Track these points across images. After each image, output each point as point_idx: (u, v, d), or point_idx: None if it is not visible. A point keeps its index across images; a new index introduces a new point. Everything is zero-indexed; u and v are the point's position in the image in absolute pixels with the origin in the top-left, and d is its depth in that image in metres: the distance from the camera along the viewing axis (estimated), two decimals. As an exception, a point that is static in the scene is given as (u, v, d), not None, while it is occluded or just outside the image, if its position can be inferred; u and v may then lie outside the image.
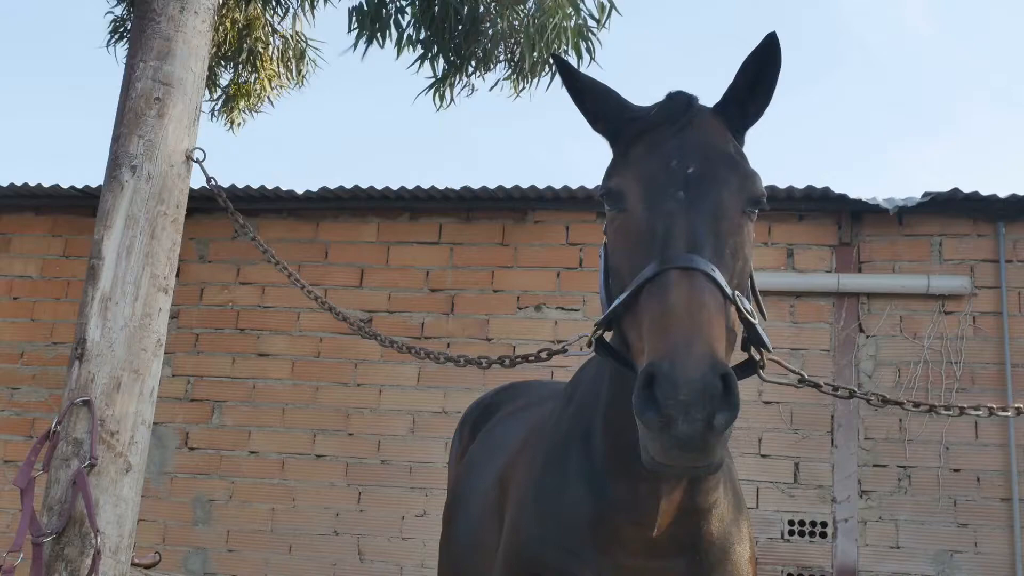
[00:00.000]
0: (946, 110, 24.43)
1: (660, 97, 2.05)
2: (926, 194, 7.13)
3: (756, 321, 1.86)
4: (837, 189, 7.14)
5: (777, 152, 23.79)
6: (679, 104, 2.01)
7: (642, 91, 2.10)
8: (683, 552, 2.16)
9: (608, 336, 2.01)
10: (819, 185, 7.16)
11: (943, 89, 23.93)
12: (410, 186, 7.66)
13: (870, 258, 7.34)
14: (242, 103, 6.86)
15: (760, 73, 2.02)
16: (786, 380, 2.22)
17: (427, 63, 6.28)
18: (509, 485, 2.66)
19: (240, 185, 7.85)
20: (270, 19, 6.38)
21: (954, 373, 6.99)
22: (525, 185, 7.47)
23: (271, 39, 6.48)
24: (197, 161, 3.64)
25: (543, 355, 2.75)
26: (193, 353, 7.97)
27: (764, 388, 7.17)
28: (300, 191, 7.85)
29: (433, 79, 6.32)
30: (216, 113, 6.98)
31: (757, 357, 1.98)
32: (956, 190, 7.03)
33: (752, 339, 1.91)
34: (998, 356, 7.00)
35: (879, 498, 6.92)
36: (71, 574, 3.16)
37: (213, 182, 3.66)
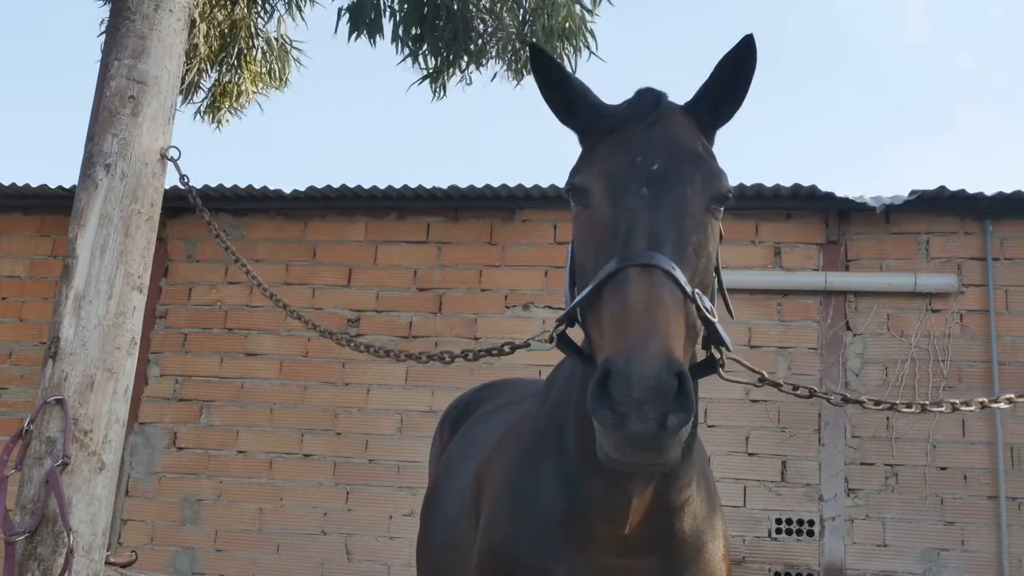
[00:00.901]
0: (944, 111, 24.45)
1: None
2: (913, 192, 7.14)
3: (716, 320, 1.85)
4: (838, 191, 7.17)
5: (775, 152, 23.82)
6: (648, 101, 2.01)
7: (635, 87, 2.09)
8: (656, 549, 2.15)
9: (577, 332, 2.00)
10: (806, 184, 7.16)
11: (941, 90, 23.95)
12: (398, 185, 7.66)
13: (857, 256, 7.34)
14: (227, 103, 6.85)
15: (736, 74, 2.02)
16: (746, 380, 2.20)
17: (419, 59, 6.26)
18: (485, 483, 2.66)
19: (228, 185, 7.85)
20: (254, 21, 6.37)
21: (941, 371, 6.99)
22: (512, 184, 7.47)
23: (255, 41, 6.46)
24: (171, 160, 3.63)
25: (506, 349, 2.75)
26: (181, 353, 7.97)
27: (752, 387, 7.16)
28: (288, 191, 7.85)
29: (426, 72, 6.30)
30: (202, 114, 6.97)
31: (717, 356, 1.96)
32: (943, 188, 7.04)
33: (712, 338, 1.89)
34: (985, 354, 7.00)
35: (866, 496, 6.92)
36: (44, 573, 3.15)
37: (185, 180, 3.65)
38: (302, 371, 7.76)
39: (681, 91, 2.02)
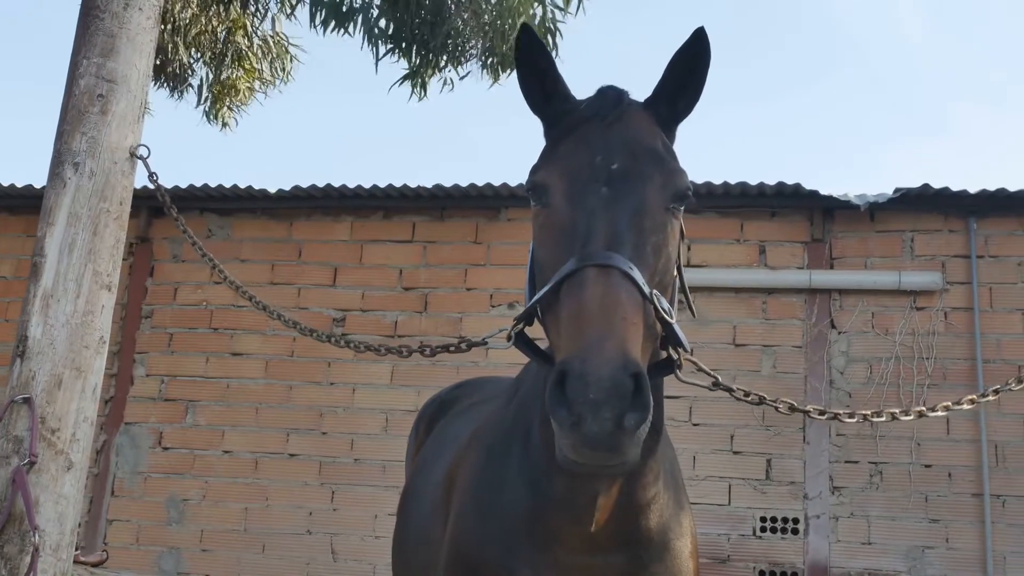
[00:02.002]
0: (939, 110, 24.45)
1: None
2: (897, 190, 7.14)
3: (674, 321, 1.84)
4: (823, 189, 7.17)
5: (773, 153, 23.82)
6: (609, 99, 1.99)
7: (638, 92, 2.09)
8: (623, 547, 2.14)
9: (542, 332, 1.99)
10: (791, 182, 7.16)
11: (937, 89, 23.95)
12: (383, 184, 7.65)
13: (842, 255, 7.34)
14: (227, 100, 6.88)
15: (690, 68, 2.01)
16: (701, 383, 2.20)
17: (399, 57, 6.26)
18: (455, 481, 2.66)
19: (213, 184, 7.84)
20: (249, 22, 6.39)
21: (925, 369, 6.99)
22: (497, 183, 7.47)
23: (252, 39, 6.49)
24: (141, 158, 3.63)
25: (463, 346, 2.74)
26: (167, 353, 7.96)
27: (736, 385, 7.14)
28: (273, 190, 7.84)
29: (407, 71, 6.30)
30: (206, 113, 7.01)
31: (675, 357, 1.94)
32: (926, 186, 7.04)
33: (670, 338, 1.87)
34: (969, 352, 7.00)
35: (851, 494, 6.92)
36: (10, 572, 3.15)
37: (154, 177, 3.64)
38: (288, 371, 7.76)
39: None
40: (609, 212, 1.80)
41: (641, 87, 2.05)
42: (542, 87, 2.08)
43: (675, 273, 1.98)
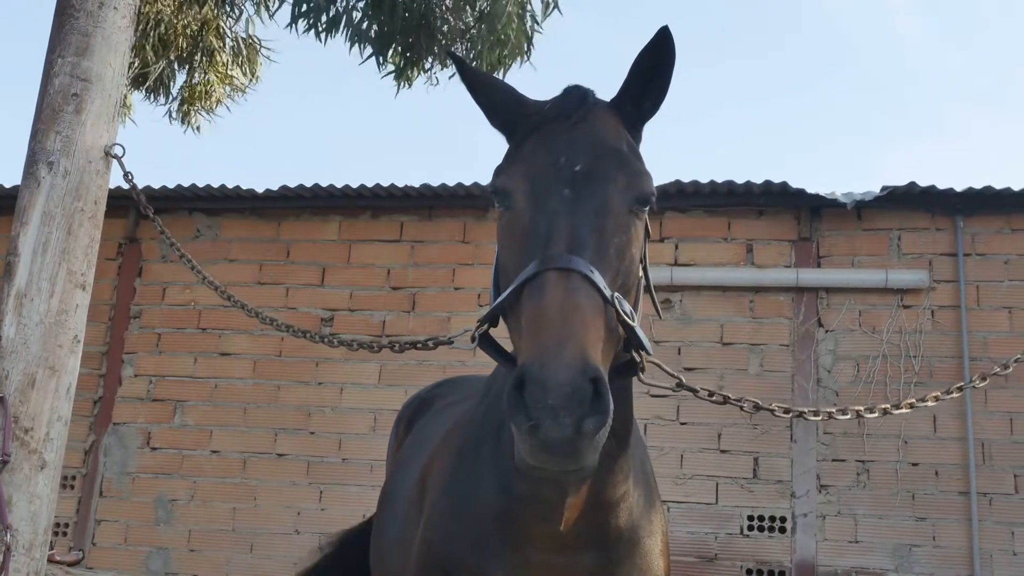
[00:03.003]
0: (934, 111, 24.46)
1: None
2: (884, 188, 7.15)
3: (636, 323, 1.83)
4: (810, 187, 7.17)
5: (769, 153, 23.83)
6: (574, 99, 1.99)
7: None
8: (592, 546, 2.14)
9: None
10: (777, 180, 7.16)
11: (931, 90, 23.96)
12: (371, 184, 7.65)
13: (829, 253, 7.34)
14: (198, 104, 6.84)
15: (655, 68, 2.00)
16: (664, 384, 2.19)
17: (383, 61, 6.26)
18: (428, 480, 2.66)
19: (201, 184, 7.84)
20: (223, 23, 6.36)
21: (912, 367, 6.99)
22: (485, 182, 7.46)
23: (224, 40, 6.45)
24: (116, 157, 3.62)
25: (430, 344, 2.74)
26: (155, 353, 7.96)
27: (724, 384, 7.18)
28: (261, 190, 7.85)
29: (392, 70, 6.29)
30: (174, 115, 6.97)
31: (637, 360, 1.94)
32: (913, 184, 7.04)
33: (632, 341, 1.85)
34: (956, 350, 7.01)
35: (838, 493, 6.92)
36: (-17, 571, 3.14)
37: (129, 177, 3.64)
38: (276, 371, 7.76)
39: (674, 91, 1.99)
40: (571, 214, 1.79)
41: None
42: (490, 103, 2.09)
43: (639, 275, 1.98)
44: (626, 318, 1.75)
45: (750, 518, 6.98)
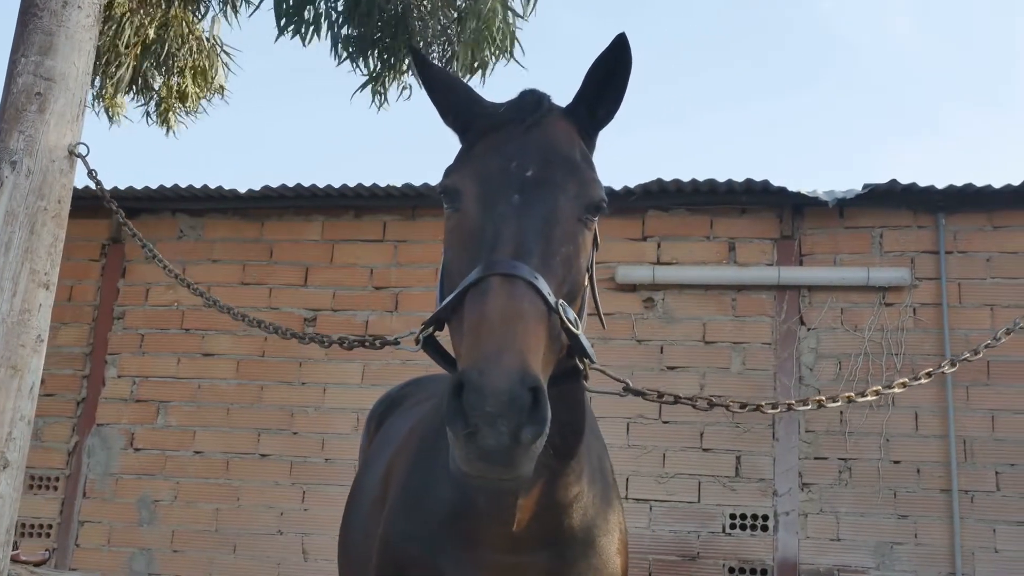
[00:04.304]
0: (931, 111, 24.47)
1: (640, 101, 2.01)
2: (866, 186, 7.14)
3: (580, 331, 1.82)
4: (791, 185, 7.18)
5: (767, 153, 23.83)
6: (528, 103, 1.96)
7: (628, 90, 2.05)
8: (546, 546, 2.14)
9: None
10: (759, 178, 7.16)
11: (928, 90, 23.97)
12: (353, 184, 7.64)
13: (811, 251, 7.34)
14: (176, 105, 6.81)
15: (611, 75, 1.98)
16: (611, 390, 2.18)
17: (360, 63, 6.26)
18: (391, 478, 2.66)
19: (183, 184, 7.84)
20: (188, 21, 6.31)
21: (894, 365, 6.99)
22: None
23: (187, 40, 6.38)
24: (80, 156, 3.62)
25: (377, 343, 2.73)
26: (138, 354, 7.96)
27: (706, 382, 7.18)
28: (244, 190, 7.84)
29: (367, 76, 6.30)
30: (151, 115, 6.94)
31: (581, 367, 1.92)
32: (894, 181, 7.04)
33: (576, 349, 1.83)
34: (938, 347, 7.00)
35: (820, 491, 6.92)
36: (-56, 571, 3.14)
37: (94, 174, 3.64)
38: (259, 371, 7.75)
39: (670, 93, 1.98)
40: (519, 220, 1.77)
41: (634, 90, 2.02)
42: (446, 100, 2.07)
43: (586, 283, 1.96)
44: (570, 325, 1.74)
45: (732, 516, 6.98)
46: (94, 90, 6.77)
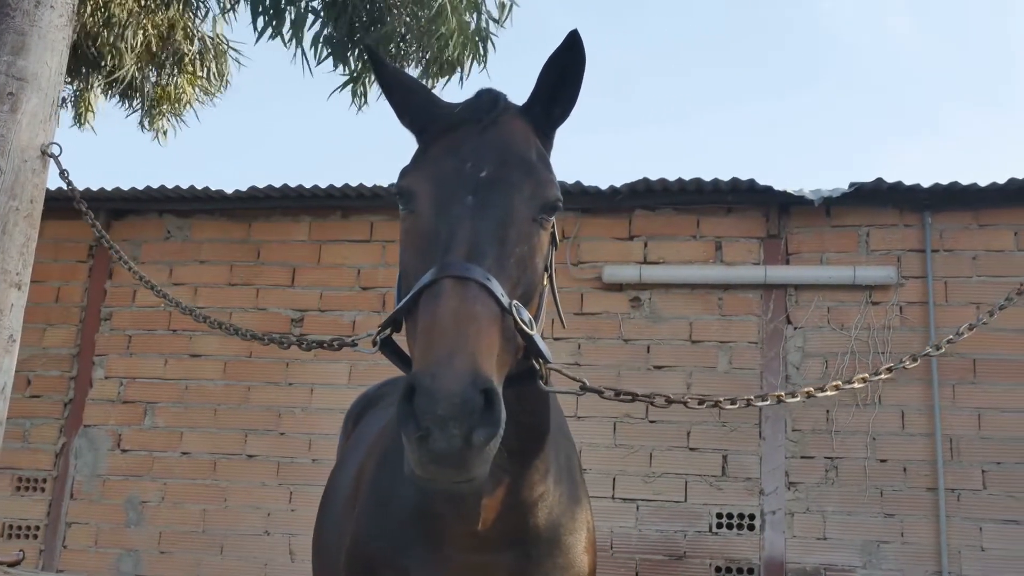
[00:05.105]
0: (930, 111, 24.48)
1: (640, 100, 2.01)
2: (852, 184, 7.14)
3: (535, 332, 1.81)
4: (776, 184, 7.17)
5: (766, 153, 23.84)
6: (484, 103, 1.96)
7: (623, 93, 2.05)
8: (512, 545, 2.14)
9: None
10: (745, 177, 7.15)
11: (927, 90, 23.98)
12: (340, 184, 7.64)
13: (798, 250, 7.33)
14: (165, 107, 6.81)
15: (564, 75, 1.97)
16: (567, 389, 2.16)
17: (338, 63, 6.25)
18: (362, 477, 2.67)
19: (170, 186, 7.83)
20: (189, 23, 6.32)
21: (881, 363, 6.98)
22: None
23: (193, 42, 6.40)
24: (52, 156, 3.62)
25: (335, 344, 2.72)
26: (126, 355, 7.95)
27: (692, 381, 7.17)
28: (231, 191, 7.84)
29: (347, 77, 6.29)
30: (143, 122, 6.95)
31: (537, 367, 1.92)
32: (880, 180, 7.04)
33: (531, 350, 1.82)
34: (924, 346, 6.99)
35: (806, 490, 6.91)
36: (-86, 572, 3.13)
37: (65, 175, 3.63)
38: (246, 371, 7.75)
39: (667, 94, 1.97)
40: (473, 222, 1.76)
41: (633, 89, 2.01)
42: (403, 101, 2.06)
43: (543, 284, 1.95)
44: (524, 326, 1.73)
45: (719, 516, 6.97)
46: (75, 92, 6.78)
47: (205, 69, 6.90)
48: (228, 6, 6.44)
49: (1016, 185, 6.91)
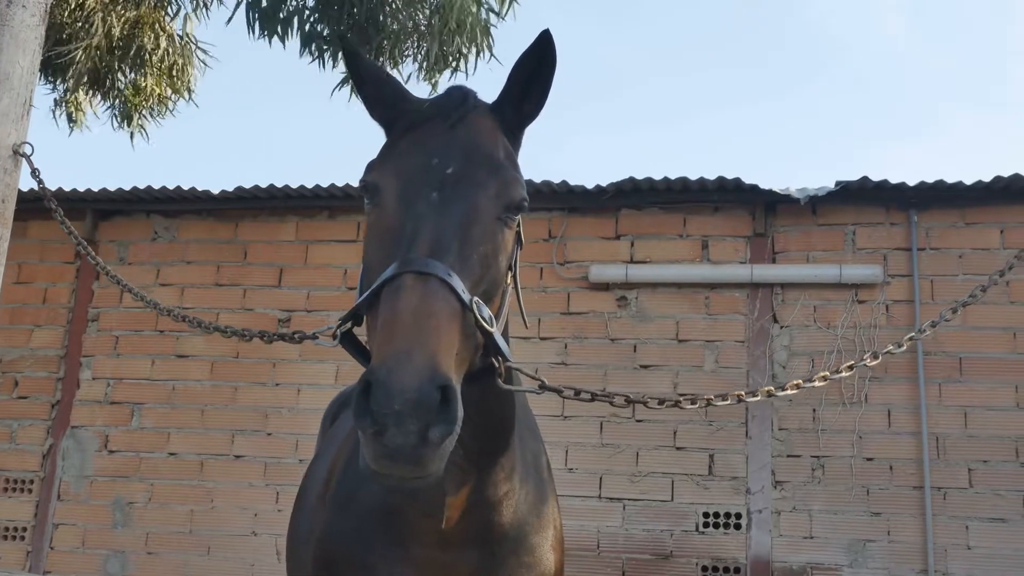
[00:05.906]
0: (926, 111, 24.48)
1: (632, 101, 2.00)
2: (838, 183, 7.14)
3: (495, 330, 1.81)
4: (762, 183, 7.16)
5: (765, 153, 23.83)
6: (454, 100, 1.96)
7: (621, 93, 2.04)
8: (476, 544, 2.15)
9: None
10: (731, 176, 7.15)
11: (923, 91, 23.98)
12: (327, 184, 7.64)
13: (784, 249, 7.33)
14: (141, 105, 6.79)
15: (535, 73, 1.97)
16: (527, 388, 2.16)
17: (334, 62, 6.27)
18: (331, 475, 2.67)
19: (157, 186, 7.83)
20: (159, 18, 6.29)
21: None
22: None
23: (159, 40, 6.36)
24: (24, 155, 3.61)
25: (296, 336, 2.73)
26: (113, 356, 7.95)
27: (679, 381, 7.17)
28: (218, 191, 7.83)
29: (344, 76, 6.30)
30: (113, 120, 6.93)
31: (496, 365, 1.91)
32: (866, 178, 7.03)
33: (491, 348, 1.83)
34: (911, 344, 6.97)
35: (793, 488, 6.91)
36: None
37: (37, 174, 3.62)
38: (233, 372, 7.74)
39: (664, 94, 1.97)
40: (437, 218, 1.76)
41: (630, 90, 2.01)
42: (372, 94, 2.05)
43: (506, 283, 1.95)
44: (484, 324, 1.72)
45: (705, 515, 6.96)
46: (57, 93, 6.77)
47: (168, 67, 6.84)
48: (201, 4, 6.41)
49: (1002, 183, 6.91)
